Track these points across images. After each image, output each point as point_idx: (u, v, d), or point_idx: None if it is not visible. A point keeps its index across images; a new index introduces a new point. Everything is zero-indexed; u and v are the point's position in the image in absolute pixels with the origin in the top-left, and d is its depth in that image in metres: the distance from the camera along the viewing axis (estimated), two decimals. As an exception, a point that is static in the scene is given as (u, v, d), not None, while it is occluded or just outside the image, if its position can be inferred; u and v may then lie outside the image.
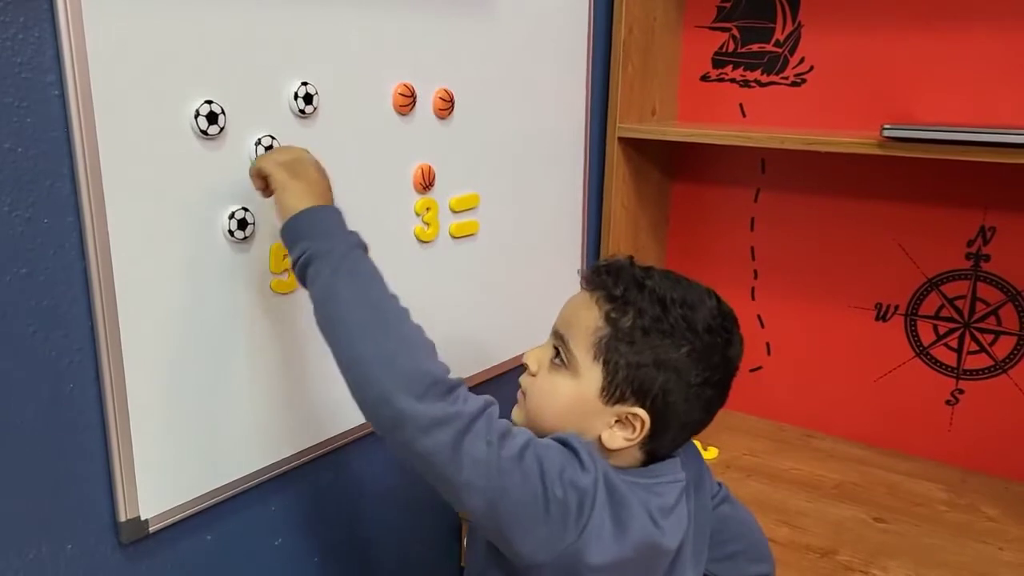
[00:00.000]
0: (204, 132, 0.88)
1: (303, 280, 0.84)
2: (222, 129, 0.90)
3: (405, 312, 0.82)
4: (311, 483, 1.12)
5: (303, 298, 1.02)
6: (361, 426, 1.16)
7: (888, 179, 1.50)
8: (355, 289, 0.81)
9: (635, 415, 0.85)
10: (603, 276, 0.88)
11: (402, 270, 1.16)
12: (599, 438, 0.86)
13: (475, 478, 0.76)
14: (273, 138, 0.95)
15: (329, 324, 0.81)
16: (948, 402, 1.53)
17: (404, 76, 1.11)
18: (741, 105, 1.62)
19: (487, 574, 0.88)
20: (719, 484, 1.08)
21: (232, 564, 1.04)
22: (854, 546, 1.26)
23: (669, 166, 1.72)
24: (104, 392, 0.85)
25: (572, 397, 0.87)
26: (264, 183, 0.89)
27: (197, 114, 0.87)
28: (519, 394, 0.93)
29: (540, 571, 0.81)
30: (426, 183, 1.17)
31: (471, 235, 1.28)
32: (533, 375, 0.91)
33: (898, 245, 1.52)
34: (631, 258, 0.91)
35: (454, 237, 1.25)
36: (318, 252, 0.82)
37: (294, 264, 0.84)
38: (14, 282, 0.78)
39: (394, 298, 0.83)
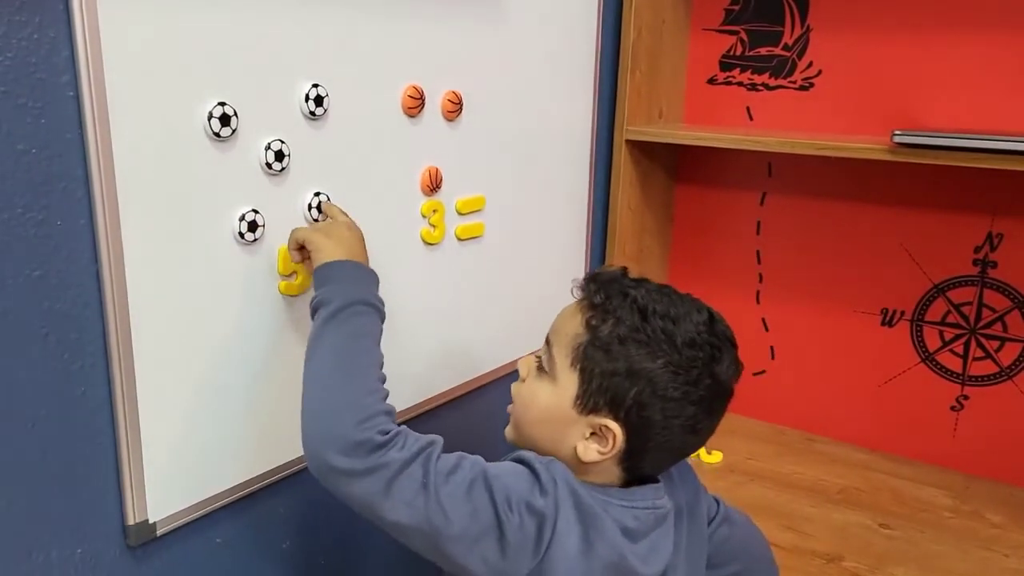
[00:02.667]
0: (217, 134, 0.87)
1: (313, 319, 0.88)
2: (234, 131, 0.89)
3: (373, 375, 0.84)
4: (318, 485, 1.11)
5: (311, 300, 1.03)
6: (368, 428, 1.15)
7: (895, 184, 1.50)
8: (333, 340, 0.85)
9: (607, 428, 0.82)
10: (590, 284, 0.87)
11: (408, 273, 1.17)
12: (575, 450, 0.84)
13: (411, 520, 0.76)
14: (283, 142, 0.95)
15: (305, 371, 0.85)
16: (953, 408, 1.53)
17: (413, 78, 1.11)
18: (748, 108, 1.61)
19: None
20: (717, 502, 1.04)
21: (240, 566, 1.03)
22: (860, 552, 1.27)
23: (674, 169, 1.72)
24: (115, 394, 0.85)
25: (548, 404, 0.86)
26: (302, 255, 0.96)
27: (210, 116, 0.86)
28: (510, 406, 0.92)
29: None
30: (433, 185, 1.17)
31: (477, 237, 1.28)
32: (523, 381, 0.90)
33: (905, 250, 1.52)
34: (624, 269, 0.89)
35: (460, 239, 1.25)
36: (324, 299, 0.87)
37: (311, 309, 0.90)
38: (27, 284, 0.77)
39: (369, 359, 0.85)
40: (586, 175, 1.52)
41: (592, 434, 0.84)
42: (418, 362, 1.22)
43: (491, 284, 1.33)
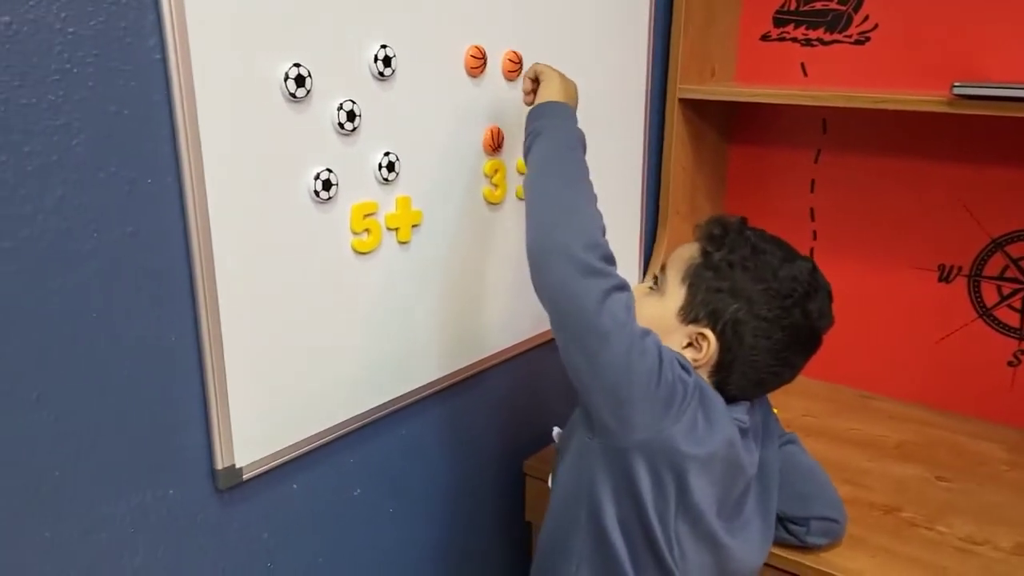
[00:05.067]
0: (292, 95, 0.90)
1: (528, 150, 0.99)
2: (309, 92, 0.92)
3: (595, 198, 0.95)
4: (388, 437, 1.16)
5: (381, 257, 1.06)
6: (433, 383, 1.19)
7: (952, 138, 1.49)
8: (567, 162, 0.96)
9: (704, 336, 0.94)
10: (711, 222, 1.00)
11: (472, 231, 1.19)
12: None
13: (614, 331, 0.86)
14: (354, 102, 0.97)
15: (536, 180, 0.95)
16: (1010, 363, 1.52)
17: (476, 38, 1.12)
18: (803, 64, 1.60)
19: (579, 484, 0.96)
20: (789, 432, 1.14)
21: (315, 513, 1.08)
22: (917, 504, 1.28)
23: (727, 128, 1.72)
24: (203, 346, 0.89)
25: (654, 314, 0.97)
26: (533, 86, 1.06)
27: (286, 77, 0.89)
28: None
29: (634, 457, 0.89)
30: (495, 144, 1.19)
31: (537, 196, 1.29)
32: None
33: (963, 205, 1.50)
34: (744, 218, 1.01)
35: (521, 199, 1.26)
36: (547, 129, 0.98)
37: (527, 135, 1.01)
38: (121, 240, 0.81)
39: (593, 191, 0.96)
40: (640, 134, 1.53)
41: (688, 345, 0.96)
42: (479, 321, 1.25)
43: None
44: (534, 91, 1.06)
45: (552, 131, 0.98)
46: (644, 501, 0.91)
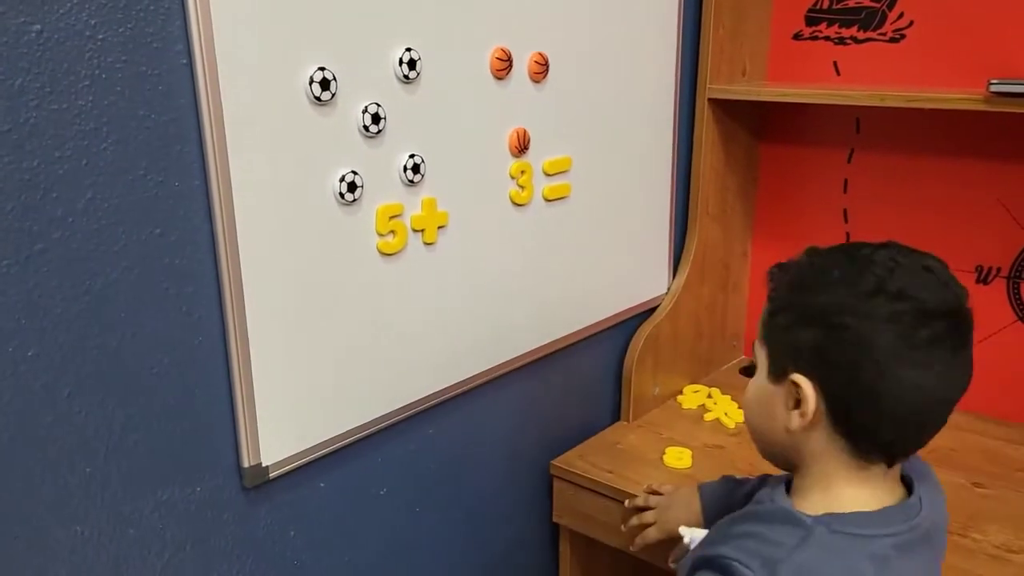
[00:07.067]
0: (317, 98, 0.91)
1: None
2: (334, 95, 0.93)
3: None
4: (414, 436, 1.17)
5: (407, 258, 1.07)
6: (461, 383, 1.20)
7: (989, 137, 1.45)
8: None
9: (794, 383, 0.74)
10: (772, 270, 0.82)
11: (498, 233, 1.19)
12: (786, 430, 0.77)
13: None
14: (379, 105, 0.98)
15: None
16: (1051, 367, 1.49)
17: (501, 41, 1.13)
18: (835, 63, 1.58)
19: None
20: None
21: (341, 511, 1.09)
22: (953, 510, 1.23)
23: (758, 127, 1.70)
24: (229, 345, 0.90)
25: (755, 392, 0.81)
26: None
27: (311, 80, 0.90)
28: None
29: None
30: (521, 146, 1.19)
31: (563, 198, 1.30)
32: None
33: (1001, 205, 1.47)
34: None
35: (547, 200, 1.27)
36: None
37: None
38: (149, 241, 0.83)
39: None
40: (669, 135, 1.52)
41: (794, 407, 0.76)
42: (505, 322, 1.25)
43: (577, 245, 1.35)
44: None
45: None
46: None
